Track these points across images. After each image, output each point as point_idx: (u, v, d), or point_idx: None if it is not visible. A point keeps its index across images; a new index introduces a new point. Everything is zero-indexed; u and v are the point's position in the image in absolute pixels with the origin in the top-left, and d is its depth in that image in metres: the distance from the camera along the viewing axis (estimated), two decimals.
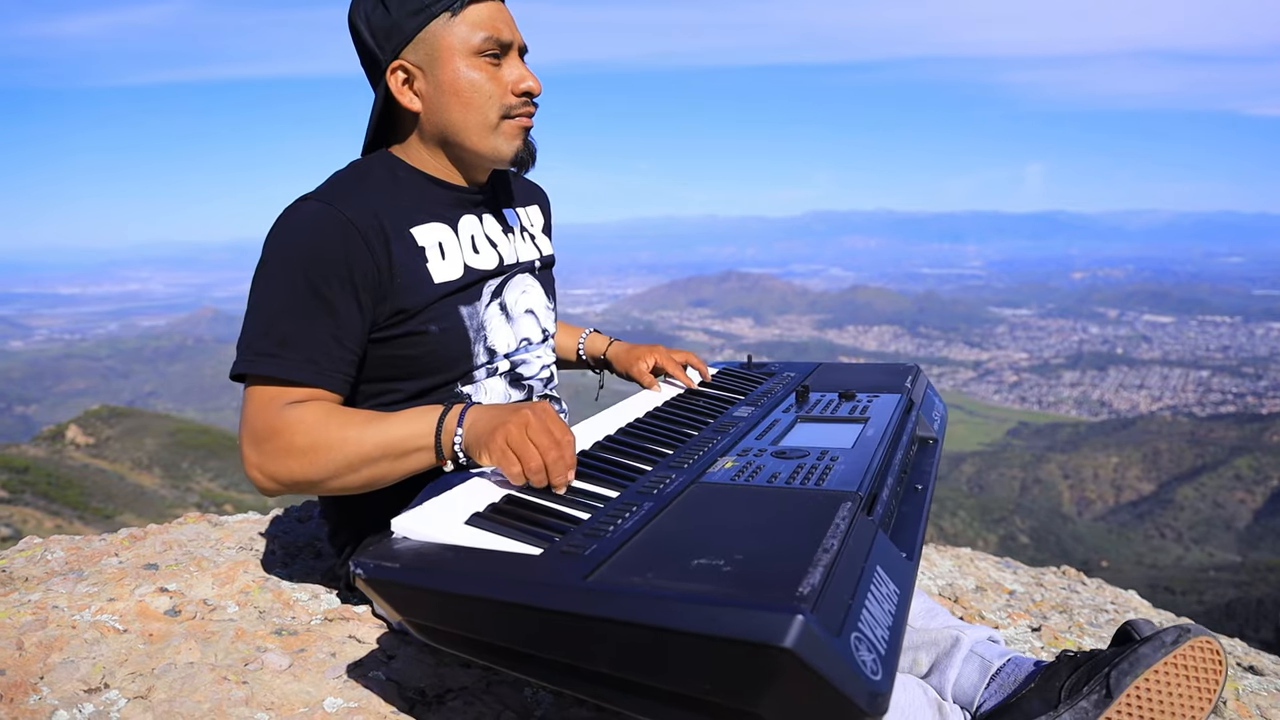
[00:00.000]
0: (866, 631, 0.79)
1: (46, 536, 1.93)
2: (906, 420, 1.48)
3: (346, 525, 1.51)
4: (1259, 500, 68.43)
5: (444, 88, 1.38)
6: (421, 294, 1.37)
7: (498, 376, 1.50)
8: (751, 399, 1.63)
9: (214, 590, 1.57)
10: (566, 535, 0.98)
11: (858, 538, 0.92)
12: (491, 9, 1.40)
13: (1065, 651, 1.27)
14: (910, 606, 0.97)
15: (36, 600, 1.50)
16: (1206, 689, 1.17)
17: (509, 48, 1.41)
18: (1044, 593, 2.71)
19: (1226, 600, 37.98)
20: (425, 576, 0.94)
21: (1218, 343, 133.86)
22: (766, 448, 1.27)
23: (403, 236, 1.37)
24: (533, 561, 0.92)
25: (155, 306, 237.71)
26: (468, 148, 1.43)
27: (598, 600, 0.82)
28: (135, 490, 31.90)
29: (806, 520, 0.94)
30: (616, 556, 0.90)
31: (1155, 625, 1.24)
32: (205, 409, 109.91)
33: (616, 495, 1.11)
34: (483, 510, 1.08)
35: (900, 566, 0.96)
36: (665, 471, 1.18)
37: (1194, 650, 1.17)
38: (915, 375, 1.84)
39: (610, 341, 1.87)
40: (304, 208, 1.33)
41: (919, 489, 1.31)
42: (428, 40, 1.36)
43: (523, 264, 1.58)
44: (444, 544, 1.00)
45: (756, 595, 0.76)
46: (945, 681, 1.30)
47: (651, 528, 0.97)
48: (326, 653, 1.39)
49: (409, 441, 1.20)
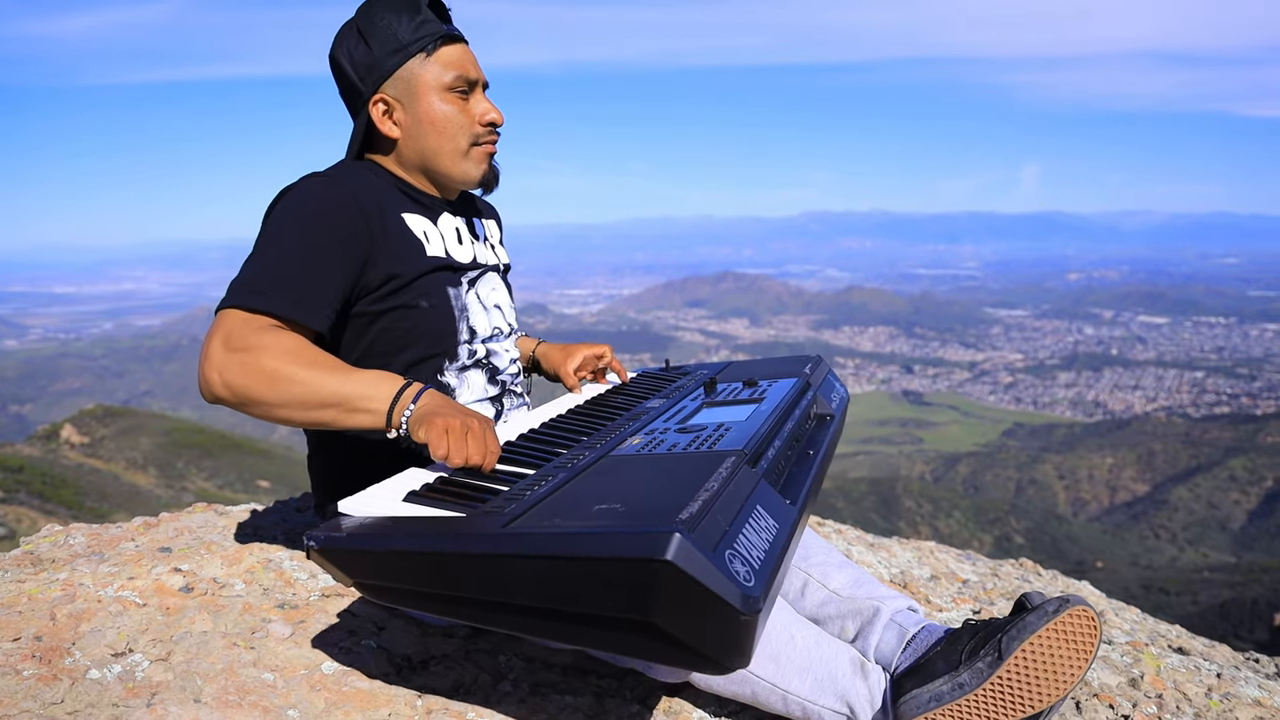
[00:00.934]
0: (741, 550, 0.96)
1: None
2: (801, 399, 1.63)
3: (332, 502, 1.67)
4: (1253, 501, 68.69)
5: (421, 118, 1.58)
6: (413, 263, 1.55)
7: (476, 368, 1.67)
8: (664, 393, 1.80)
9: (223, 570, 1.74)
10: (488, 502, 1.14)
11: (739, 483, 1.08)
12: (460, 50, 1.60)
13: (969, 620, 1.42)
14: (793, 541, 1.12)
15: (64, 578, 1.67)
16: (1083, 651, 1.32)
17: (475, 84, 1.62)
18: (997, 582, 2.88)
19: (1221, 601, 38.11)
20: (366, 541, 1.09)
21: (1212, 344, 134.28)
22: (671, 427, 1.45)
23: (396, 218, 1.57)
24: (460, 522, 1.08)
25: (150, 306, 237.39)
26: (441, 171, 1.63)
27: (513, 541, 0.97)
28: (130, 490, 31.93)
29: (694, 472, 1.10)
30: (531, 511, 1.05)
31: (1045, 597, 1.37)
32: (200, 409, 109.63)
33: (533, 472, 1.26)
34: (418, 489, 1.22)
35: (782, 509, 1.13)
36: (579, 451, 1.35)
37: (1072, 618, 1.31)
38: (816, 363, 1.98)
39: (537, 343, 2.03)
40: (307, 179, 1.51)
41: (810, 454, 1.47)
42: (405, 77, 1.56)
43: (491, 265, 1.77)
44: (383, 516, 1.16)
45: (643, 523, 0.93)
46: (868, 646, 1.46)
47: (564, 490, 1.13)
48: (324, 624, 1.56)
49: (363, 401, 1.30)
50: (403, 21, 1.55)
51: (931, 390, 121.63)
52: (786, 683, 1.36)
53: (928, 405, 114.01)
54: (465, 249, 1.69)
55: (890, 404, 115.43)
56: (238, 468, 38.59)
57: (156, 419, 45.31)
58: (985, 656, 1.31)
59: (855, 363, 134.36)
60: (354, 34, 1.56)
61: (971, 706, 1.30)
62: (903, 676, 1.36)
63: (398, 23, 1.55)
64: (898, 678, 1.37)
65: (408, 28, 1.55)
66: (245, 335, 1.30)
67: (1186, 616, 37.37)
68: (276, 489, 36.75)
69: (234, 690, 1.33)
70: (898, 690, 1.34)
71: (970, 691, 1.30)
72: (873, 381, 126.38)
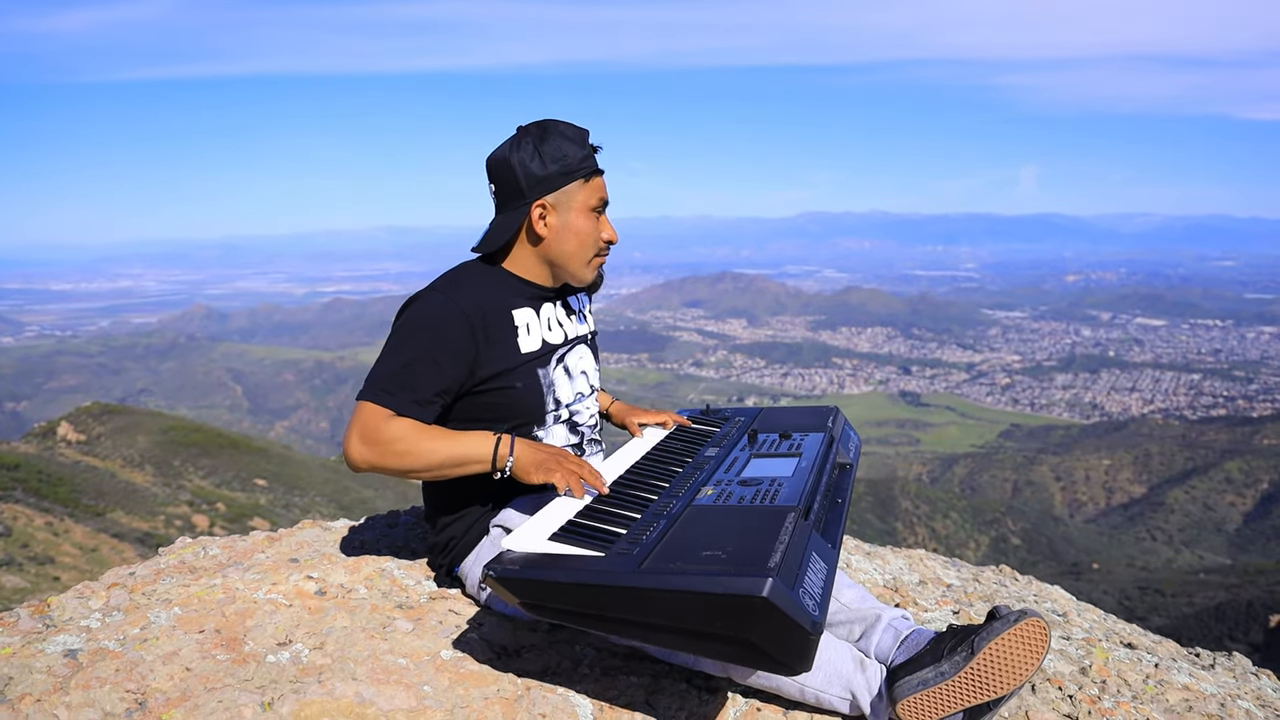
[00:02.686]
0: (808, 588, 1.40)
1: (60, 534, 2.51)
2: (829, 453, 2.08)
3: (449, 528, 2.10)
4: (1249, 503, 69.06)
5: (568, 227, 2.02)
6: (510, 360, 2.00)
7: (561, 424, 2.11)
8: (715, 441, 2.23)
9: (347, 577, 2.16)
10: (616, 543, 1.56)
11: (799, 534, 1.50)
12: (603, 181, 2.06)
13: (951, 625, 1.85)
14: (835, 577, 1.61)
15: (220, 583, 2.09)
16: (1034, 651, 1.74)
17: (606, 206, 2.08)
18: (977, 586, 3.30)
19: (1216, 603, 38.37)
20: (534, 572, 1.50)
21: (1209, 346, 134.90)
22: (734, 478, 1.89)
23: (503, 318, 2.00)
24: (603, 559, 1.50)
25: (147, 303, 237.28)
26: (569, 271, 2.07)
27: (651, 578, 1.39)
28: (127, 488, 32.10)
29: (768, 525, 1.53)
30: (654, 553, 1.47)
31: (1009, 608, 1.81)
32: (197, 406, 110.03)
33: (639, 516, 1.71)
34: (558, 530, 1.65)
35: (827, 553, 1.58)
36: (668, 499, 1.79)
37: (1028, 626, 1.74)
38: (835, 415, 2.40)
39: (612, 401, 2.50)
40: (431, 297, 1.95)
41: (839, 502, 1.94)
42: (566, 193, 1.99)
43: (580, 337, 2.21)
44: (541, 552, 1.57)
45: (745, 568, 1.34)
46: (869, 645, 1.88)
47: (670, 535, 1.55)
48: (436, 620, 1.98)
49: (471, 458, 1.86)
50: (574, 151, 1.97)
51: (929, 391, 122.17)
52: (803, 676, 1.78)
53: (925, 406, 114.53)
54: (557, 332, 2.12)
55: (888, 405, 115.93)
56: (235, 466, 38.72)
57: (153, 417, 45.33)
58: (961, 652, 1.74)
59: (853, 363, 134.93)
60: (530, 148, 1.95)
61: (949, 690, 1.73)
62: (897, 669, 1.78)
63: (570, 151, 1.97)
64: (892, 670, 1.79)
65: (577, 157, 1.97)
66: (376, 430, 1.81)
67: (1182, 618, 37.72)
68: (274, 487, 37.03)
69: (380, 671, 1.75)
70: (892, 679, 1.76)
71: (949, 679, 1.72)
72: (870, 382, 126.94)
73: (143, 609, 1.95)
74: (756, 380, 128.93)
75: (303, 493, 37.55)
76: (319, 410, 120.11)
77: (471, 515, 2.05)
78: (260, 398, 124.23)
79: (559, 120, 2.01)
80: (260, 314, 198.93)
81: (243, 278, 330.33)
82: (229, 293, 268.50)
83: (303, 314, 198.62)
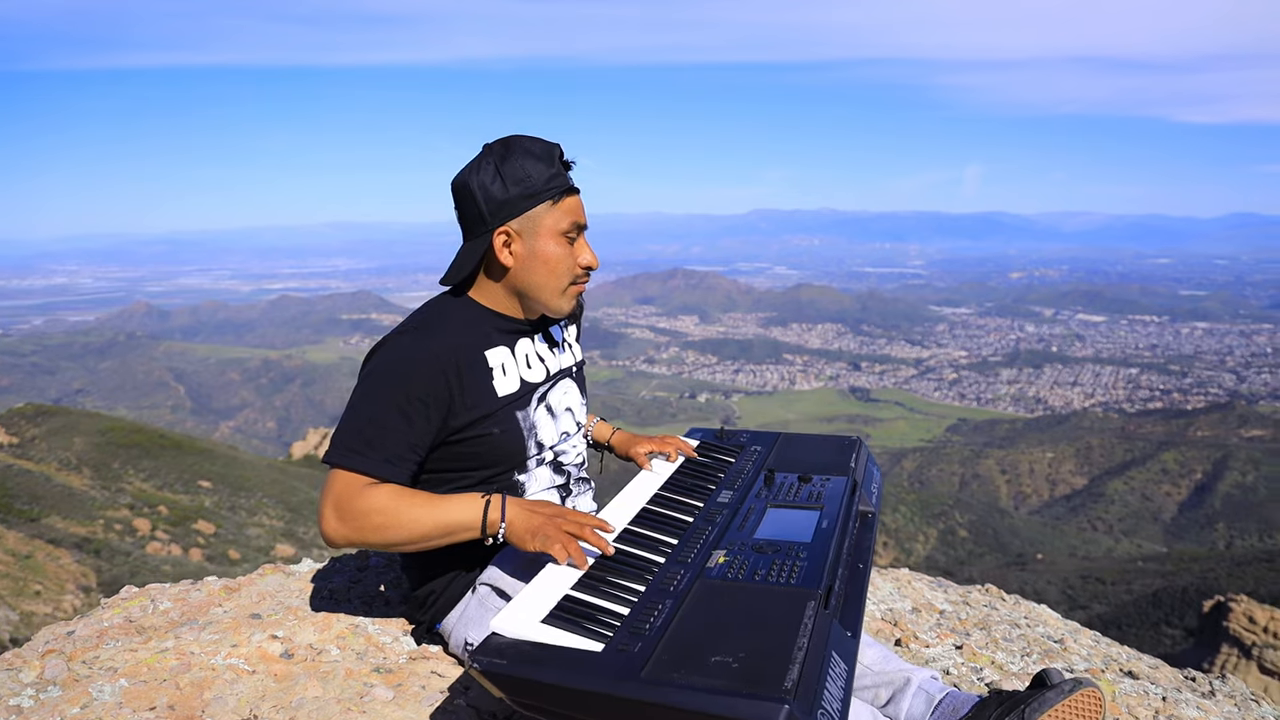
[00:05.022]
0: (828, 706, 1.25)
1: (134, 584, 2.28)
2: (853, 502, 1.90)
3: (429, 582, 1.91)
4: (1183, 493, 71.31)
5: (535, 255, 1.81)
6: (487, 405, 1.80)
7: (544, 466, 1.92)
8: (729, 480, 2.04)
9: (316, 636, 1.96)
10: (616, 633, 1.39)
11: (819, 632, 1.34)
12: (577, 201, 1.85)
13: (995, 691, 1.74)
14: (854, 675, 1.40)
15: (173, 647, 1.88)
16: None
17: (582, 229, 1.86)
18: (969, 610, 3.20)
19: (1153, 590, 39.55)
20: (521, 670, 1.33)
21: (1146, 341, 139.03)
22: (748, 541, 1.69)
23: (476, 361, 1.80)
24: (599, 657, 1.33)
25: (84, 301, 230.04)
26: (540, 302, 1.87)
27: (651, 691, 1.24)
28: (63, 491, 30.97)
29: (784, 618, 1.36)
30: (657, 653, 1.31)
31: (1061, 674, 1.70)
32: (138, 407, 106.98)
33: (644, 589, 1.52)
34: (552, 611, 1.46)
35: (847, 647, 1.41)
36: (675, 567, 1.60)
37: (1084, 697, 1.63)
38: (858, 451, 2.22)
39: (613, 430, 2.31)
40: (398, 341, 1.75)
41: (861, 568, 1.74)
42: (531, 217, 1.79)
43: (564, 370, 2.02)
44: (532, 641, 1.39)
45: (758, 689, 1.20)
46: (899, 711, 1.75)
47: (675, 625, 1.38)
48: (418, 685, 1.80)
49: (459, 526, 1.67)
50: (539, 170, 1.77)
51: (878, 387, 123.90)
52: None
53: (874, 401, 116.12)
54: (538, 369, 1.93)
55: (838, 400, 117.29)
56: (178, 468, 37.63)
57: (91, 418, 43.83)
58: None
59: (803, 359, 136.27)
60: (492, 170, 1.76)
61: None
62: None
63: (535, 170, 1.76)
64: None
65: (542, 177, 1.77)
66: (351, 502, 1.64)
67: (1122, 605, 38.77)
68: (219, 489, 36.07)
69: None
70: None
71: None
72: (820, 378, 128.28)
73: (84, 682, 1.73)
74: (708, 377, 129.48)
75: (249, 494, 36.68)
76: (265, 410, 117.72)
77: (454, 566, 1.86)
78: (204, 397, 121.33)
79: (525, 136, 1.82)
80: (204, 311, 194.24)
81: (185, 274, 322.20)
82: (170, 290, 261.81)
83: (248, 311, 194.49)
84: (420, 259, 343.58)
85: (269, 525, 32.78)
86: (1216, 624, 29.23)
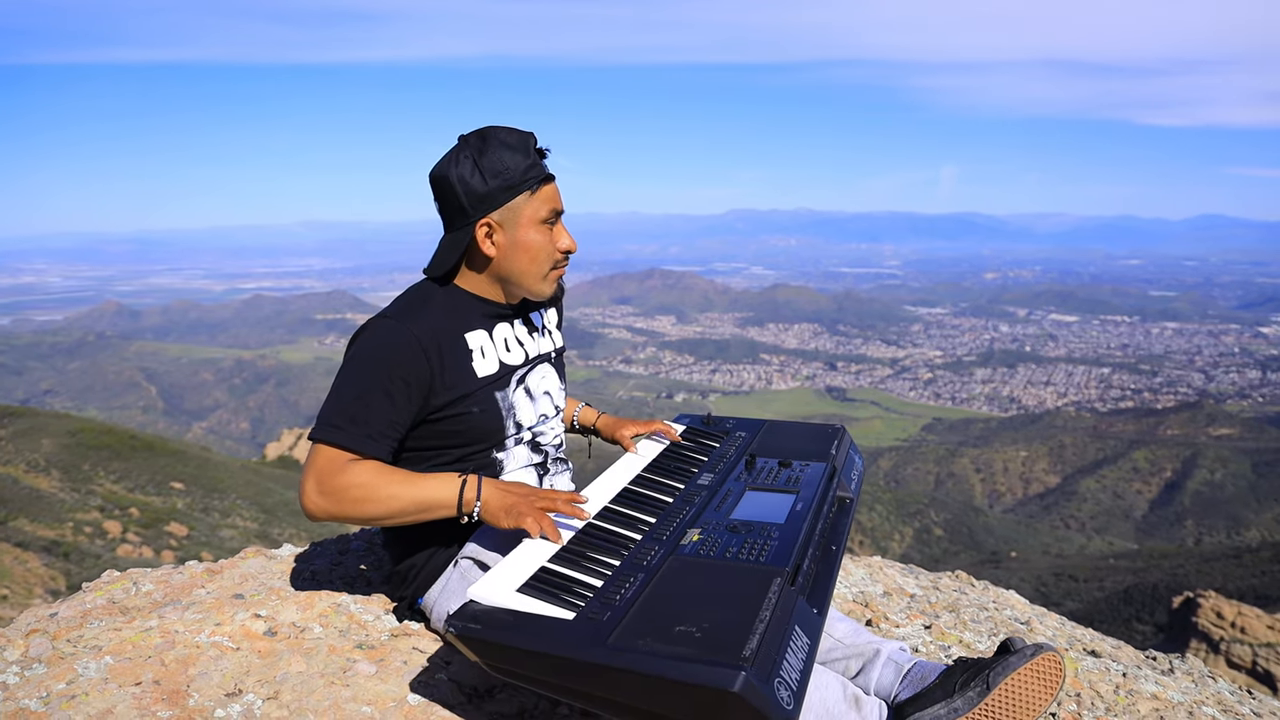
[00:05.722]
0: (785, 675, 1.29)
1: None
2: (829, 488, 1.95)
3: (409, 557, 1.95)
4: (1154, 491, 72.38)
5: (517, 244, 1.87)
6: (466, 385, 1.86)
7: (522, 445, 1.98)
8: (710, 464, 2.08)
9: (299, 615, 1.99)
10: (588, 603, 1.44)
11: (783, 606, 1.39)
12: (554, 188, 1.90)
13: (960, 658, 1.79)
14: (818, 649, 1.48)
15: (157, 626, 1.90)
16: (1050, 686, 1.70)
17: (559, 215, 1.92)
18: (938, 594, 3.28)
19: (1125, 586, 40.11)
20: (495, 635, 1.39)
21: (1118, 341, 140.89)
22: (723, 521, 1.74)
23: (456, 343, 1.86)
24: (570, 624, 1.39)
25: (52, 300, 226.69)
26: (523, 288, 1.93)
27: (618, 656, 1.29)
28: (31, 494, 30.54)
29: (750, 593, 1.41)
30: (625, 622, 1.36)
31: (1024, 641, 1.76)
32: (108, 408, 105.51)
33: (618, 564, 1.57)
34: (527, 581, 1.52)
35: (812, 622, 1.46)
36: (650, 543, 1.65)
37: (1044, 661, 1.69)
38: (840, 439, 2.26)
39: (599, 415, 2.36)
40: (382, 324, 1.81)
41: (833, 549, 1.79)
42: (511, 208, 1.84)
43: (543, 355, 2.07)
44: (506, 609, 1.44)
45: (717, 656, 1.24)
46: (869, 681, 1.80)
47: (645, 597, 1.43)
48: (400, 661, 1.84)
49: (436, 503, 1.73)
50: (516, 161, 1.82)
51: (854, 386, 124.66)
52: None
53: (851, 401, 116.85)
54: (516, 352, 1.98)
55: (814, 400, 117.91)
56: (149, 469, 37.21)
57: (59, 419, 43.24)
58: (975, 687, 1.67)
59: (780, 359, 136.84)
60: (470, 163, 1.81)
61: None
62: (903, 704, 1.71)
63: (512, 162, 1.81)
64: (898, 705, 1.72)
65: (520, 168, 1.82)
66: (332, 476, 1.70)
67: (1094, 602, 39.29)
68: (191, 490, 35.74)
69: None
70: (899, 715, 1.69)
71: (962, 715, 1.66)
72: (797, 378, 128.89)
73: (69, 659, 1.76)
74: (685, 377, 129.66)
75: (223, 495, 36.36)
76: (239, 410, 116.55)
77: (434, 541, 1.90)
78: (176, 398, 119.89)
79: (500, 127, 1.86)
80: (175, 311, 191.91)
81: (156, 273, 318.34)
82: (141, 289, 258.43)
83: (221, 311, 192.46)
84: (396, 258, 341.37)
85: (243, 527, 32.51)
86: (1186, 619, 29.75)
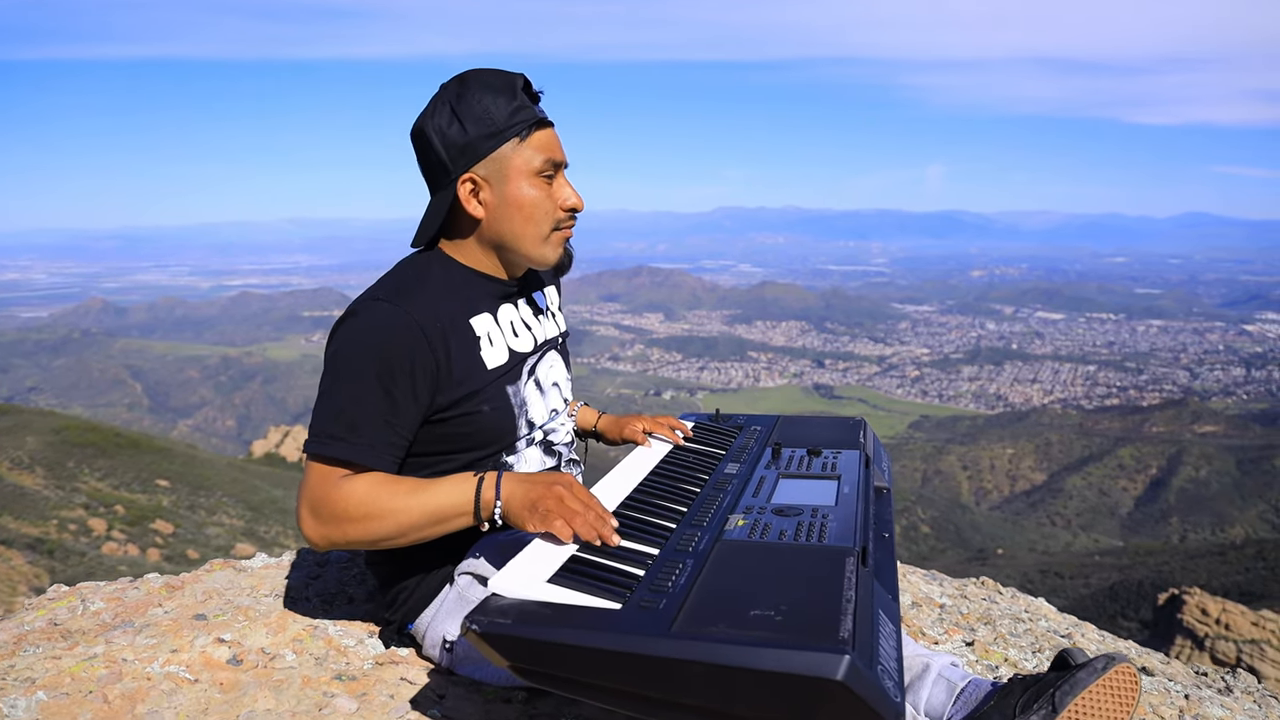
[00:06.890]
0: (885, 663, 1.07)
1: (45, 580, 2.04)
2: (869, 475, 1.75)
3: (399, 577, 1.69)
4: (1139, 488, 72.70)
5: (508, 201, 1.58)
6: (476, 381, 1.59)
7: (534, 446, 1.72)
8: (733, 455, 1.87)
9: (269, 639, 1.73)
10: (635, 591, 1.21)
11: (863, 588, 1.18)
12: (549, 135, 1.61)
13: (1017, 675, 1.55)
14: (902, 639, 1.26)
15: (103, 653, 1.64)
16: (1126, 704, 1.47)
17: (560, 167, 1.63)
18: (969, 604, 3.04)
19: (1110, 583, 40.23)
20: (530, 630, 1.15)
21: (1104, 338, 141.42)
22: (765, 505, 1.53)
23: (461, 329, 1.59)
24: (619, 614, 1.15)
25: (37, 296, 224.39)
26: (521, 253, 1.64)
27: (686, 647, 1.05)
28: (15, 491, 30.09)
29: (824, 573, 1.21)
30: (685, 610, 1.13)
31: (1084, 654, 1.52)
32: (93, 405, 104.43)
33: (658, 552, 1.34)
34: (560, 569, 1.28)
35: (892, 609, 1.27)
36: (690, 530, 1.42)
37: (1118, 675, 1.46)
38: (864, 429, 2.07)
39: (599, 415, 2.10)
40: (375, 308, 1.52)
41: (886, 537, 1.58)
42: (497, 159, 1.56)
43: (550, 340, 1.81)
44: (539, 601, 1.21)
45: (811, 639, 1.02)
46: (919, 700, 1.56)
47: (701, 582, 1.21)
48: (385, 695, 1.58)
49: (451, 511, 1.45)
50: (500, 105, 1.55)
51: (842, 384, 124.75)
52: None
53: (838, 399, 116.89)
54: (525, 337, 1.72)
55: (802, 397, 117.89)
56: (135, 467, 36.74)
57: (44, 416, 42.73)
58: (1040, 710, 1.43)
59: (768, 357, 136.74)
60: (447, 111, 1.55)
61: None
62: None
63: (495, 105, 1.55)
64: None
65: (504, 112, 1.55)
66: (326, 497, 1.44)
67: (1080, 599, 39.34)
68: (177, 488, 35.26)
69: None
70: None
71: None
72: (785, 375, 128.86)
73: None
74: (673, 374, 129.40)
75: (209, 493, 35.94)
76: (225, 408, 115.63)
77: (428, 559, 1.64)
78: (162, 395, 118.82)
79: (483, 69, 1.59)
80: (161, 308, 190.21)
81: (142, 270, 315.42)
82: (127, 286, 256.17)
83: (207, 308, 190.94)
84: (383, 255, 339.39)
85: (229, 524, 32.13)
86: (1171, 616, 29.74)
